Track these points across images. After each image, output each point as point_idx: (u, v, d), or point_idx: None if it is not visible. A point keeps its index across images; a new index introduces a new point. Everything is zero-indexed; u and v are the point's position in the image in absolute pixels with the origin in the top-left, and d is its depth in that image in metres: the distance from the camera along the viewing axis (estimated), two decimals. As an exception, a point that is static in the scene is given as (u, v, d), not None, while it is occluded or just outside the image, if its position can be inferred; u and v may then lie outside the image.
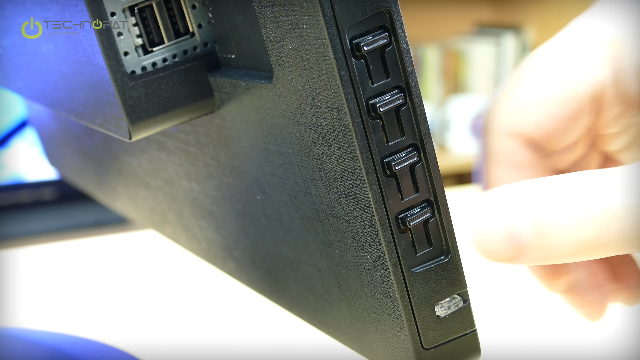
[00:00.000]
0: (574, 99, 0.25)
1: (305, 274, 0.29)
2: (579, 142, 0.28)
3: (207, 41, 0.28)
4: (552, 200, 0.22)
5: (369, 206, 0.23)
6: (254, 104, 0.27)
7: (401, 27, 0.23)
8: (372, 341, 0.27)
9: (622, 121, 0.27)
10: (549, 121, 0.25)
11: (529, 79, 0.26)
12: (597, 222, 0.22)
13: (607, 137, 0.29)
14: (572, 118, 0.25)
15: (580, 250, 0.22)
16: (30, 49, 0.33)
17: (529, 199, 0.23)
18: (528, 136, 0.26)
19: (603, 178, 0.22)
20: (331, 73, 0.22)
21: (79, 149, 0.47)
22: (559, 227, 0.22)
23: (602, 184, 0.22)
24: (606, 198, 0.22)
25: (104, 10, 0.26)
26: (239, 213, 0.32)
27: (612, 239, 0.22)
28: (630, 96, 0.24)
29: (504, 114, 0.26)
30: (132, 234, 0.70)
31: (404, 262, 0.24)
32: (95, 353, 0.44)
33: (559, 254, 0.22)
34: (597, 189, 0.22)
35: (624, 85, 0.24)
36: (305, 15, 0.22)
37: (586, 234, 0.22)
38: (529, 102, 0.25)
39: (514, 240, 0.23)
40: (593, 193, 0.22)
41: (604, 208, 0.22)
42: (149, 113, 0.27)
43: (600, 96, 0.25)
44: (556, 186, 0.22)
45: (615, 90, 0.25)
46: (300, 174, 0.26)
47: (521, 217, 0.22)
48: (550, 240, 0.22)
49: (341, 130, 0.23)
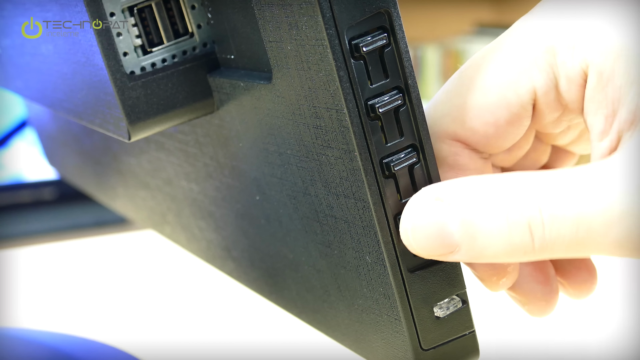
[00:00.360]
0: (511, 105, 0.25)
1: (304, 274, 0.29)
2: (522, 142, 0.28)
3: (207, 42, 0.28)
4: (481, 201, 0.22)
5: (368, 207, 0.23)
6: (253, 104, 0.27)
7: (400, 27, 0.23)
8: (371, 342, 0.27)
9: (564, 123, 0.27)
10: (486, 126, 0.25)
11: (466, 83, 0.26)
12: (525, 225, 0.22)
13: (554, 135, 0.29)
14: (509, 123, 0.25)
15: (510, 252, 0.22)
16: (30, 49, 0.33)
17: (459, 198, 0.23)
18: (466, 141, 0.26)
19: (532, 180, 0.22)
20: (330, 74, 0.22)
21: (79, 149, 0.47)
22: (488, 230, 0.22)
23: (530, 186, 0.22)
24: (533, 201, 0.22)
25: (103, 11, 0.26)
26: (238, 213, 0.32)
27: (539, 243, 0.22)
28: (568, 101, 0.25)
29: (442, 118, 0.26)
30: (132, 234, 0.70)
31: (403, 263, 0.24)
32: (95, 353, 0.44)
33: (490, 255, 0.22)
34: (525, 192, 0.22)
35: (562, 91, 0.24)
36: (304, 16, 0.22)
37: (515, 237, 0.22)
38: (466, 107, 0.26)
39: (444, 238, 0.23)
40: (521, 196, 0.22)
41: (531, 212, 0.22)
42: (148, 113, 0.27)
43: (539, 101, 0.25)
44: (486, 187, 0.22)
45: (553, 95, 0.25)
46: (299, 175, 0.26)
47: (451, 217, 0.22)
48: (481, 241, 0.22)
49: (340, 131, 0.23)
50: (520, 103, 0.25)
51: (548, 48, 0.24)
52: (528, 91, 0.25)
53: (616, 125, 0.23)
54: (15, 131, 0.76)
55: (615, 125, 0.23)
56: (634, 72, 0.22)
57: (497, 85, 0.25)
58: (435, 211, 0.23)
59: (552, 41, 0.24)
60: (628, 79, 0.23)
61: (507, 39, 0.25)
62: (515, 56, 0.25)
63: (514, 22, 0.26)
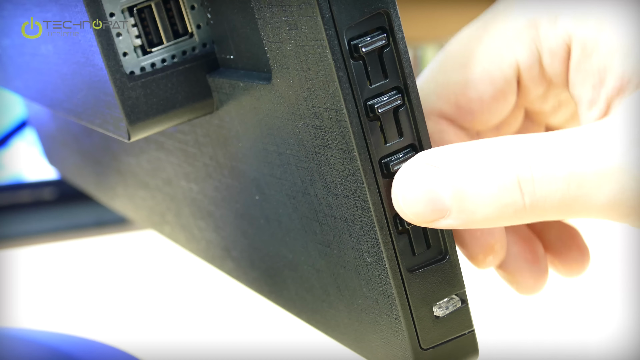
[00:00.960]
0: (495, 80, 0.25)
1: (304, 274, 0.29)
2: (511, 120, 0.28)
3: (206, 42, 0.28)
4: (471, 163, 0.22)
5: (367, 207, 0.23)
6: (253, 104, 0.27)
7: (399, 28, 0.23)
8: (370, 341, 0.27)
9: (551, 99, 0.27)
10: (470, 102, 0.25)
11: (450, 61, 0.26)
12: (515, 183, 0.21)
13: (544, 114, 0.29)
14: (494, 99, 0.25)
15: (501, 213, 0.22)
16: (30, 49, 0.33)
17: (448, 162, 0.22)
18: (452, 117, 0.26)
19: (522, 141, 0.22)
20: (329, 74, 0.22)
21: (78, 149, 0.47)
22: (478, 191, 0.22)
23: (520, 145, 0.22)
24: (523, 159, 0.21)
25: (103, 11, 0.26)
26: (237, 213, 0.32)
27: (530, 201, 0.21)
28: (552, 75, 0.24)
29: (427, 96, 0.26)
30: (132, 234, 0.70)
31: (402, 262, 0.24)
32: (95, 353, 0.44)
33: (481, 217, 0.22)
34: (515, 151, 0.22)
35: (545, 65, 0.24)
36: (304, 17, 0.22)
37: (505, 196, 0.21)
38: (450, 84, 0.25)
39: (435, 202, 0.22)
40: (510, 155, 0.22)
41: (520, 169, 0.21)
42: (147, 113, 0.28)
43: (523, 76, 0.25)
44: (475, 149, 0.22)
45: (537, 70, 0.25)
46: (299, 175, 0.26)
47: (441, 181, 0.22)
48: (471, 203, 0.22)
49: (339, 131, 0.23)
50: (504, 78, 0.25)
51: (530, 22, 0.24)
52: (511, 66, 0.25)
53: (604, 93, 0.23)
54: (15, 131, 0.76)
55: (604, 93, 0.23)
56: (617, 39, 0.22)
57: (481, 60, 0.25)
58: (426, 176, 0.22)
59: (534, 15, 0.24)
60: (613, 47, 0.23)
61: (490, 16, 0.25)
62: (498, 32, 0.25)
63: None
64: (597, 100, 0.23)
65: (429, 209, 0.22)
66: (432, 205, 0.22)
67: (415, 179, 0.23)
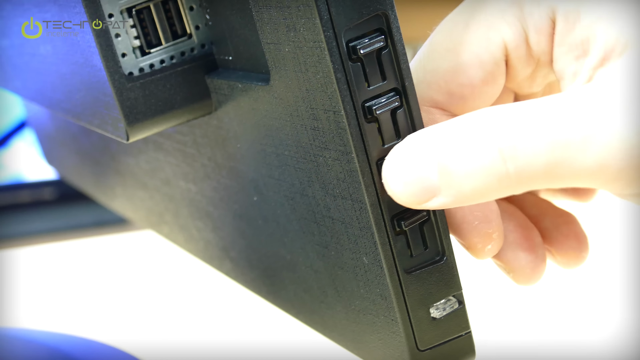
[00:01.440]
0: (484, 63, 0.25)
1: (302, 275, 0.29)
2: (499, 103, 0.28)
3: (205, 43, 0.28)
4: (453, 138, 0.22)
5: (365, 208, 0.23)
6: (251, 105, 0.27)
7: (397, 30, 0.23)
8: (367, 342, 0.27)
9: (539, 79, 0.26)
10: (462, 87, 0.25)
11: (437, 48, 0.25)
12: (495, 151, 0.21)
13: (533, 97, 0.29)
14: (484, 82, 0.25)
15: (487, 183, 0.22)
16: (29, 49, 0.33)
17: (433, 141, 0.22)
18: (443, 105, 0.26)
19: (500, 110, 0.22)
20: (328, 76, 0.22)
21: (77, 149, 0.47)
22: (462, 164, 0.22)
23: (499, 115, 0.21)
24: (503, 127, 0.21)
25: (102, 12, 0.26)
26: (235, 214, 0.32)
27: (513, 168, 0.21)
28: (540, 54, 0.24)
29: (417, 85, 0.25)
30: (132, 234, 0.70)
31: (400, 264, 0.24)
32: (95, 353, 0.44)
33: (469, 191, 0.22)
34: (494, 120, 0.21)
35: (532, 44, 0.24)
36: (302, 18, 0.22)
37: (488, 166, 0.21)
38: (439, 71, 0.25)
39: (424, 181, 0.22)
40: (490, 125, 0.21)
41: (500, 137, 0.21)
42: (146, 114, 0.28)
43: (511, 56, 0.25)
44: (457, 125, 0.22)
45: (524, 49, 0.24)
46: (297, 176, 0.26)
47: (428, 160, 0.22)
48: (457, 177, 0.22)
49: (337, 132, 0.23)
50: (493, 60, 0.25)
51: (514, 1, 0.24)
52: (499, 47, 0.25)
53: (588, 64, 0.23)
54: (15, 131, 0.76)
55: (587, 64, 0.23)
56: (599, 9, 0.22)
57: (468, 44, 0.25)
58: (413, 156, 0.22)
59: None
60: (594, 17, 0.22)
61: (473, 0, 0.25)
62: (483, 14, 0.25)
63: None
64: (580, 72, 0.23)
65: (418, 189, 0.22)
66: (421, 184, 0.22)
67: (403, 160, 0.22)
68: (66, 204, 0.76)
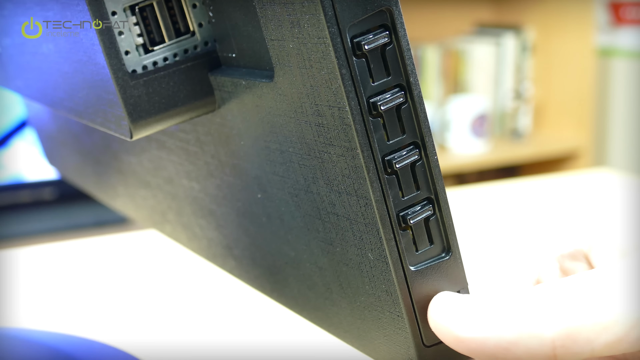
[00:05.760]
0: None
1: (306, 272, 0.29)
2: None
3: (208, 40, 0.28)
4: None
5: (370, 204, 0.23)
6: (255, 102, 0.27)
7: (402, 25, 0.23)
8: (373, 339, 0.27)
9: None
10: None
11: None
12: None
13: None
14: None
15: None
16: (30, 48, 0.33)
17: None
18: None
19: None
20: (332, 72, 0.22)
21: (79, 148, 0.47)
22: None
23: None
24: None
25: (105, 10, 0.26)
26: (239, 212, 0.32)
27: None
28: None
29: None
30: (133, 233, 0.70)
31: (405, 259, 0.24)
32: (95, 353, 0.44)
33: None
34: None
35: None
36: (307, 14, 0.22)
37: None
38: None
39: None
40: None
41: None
42: (149, 112, 0.28)
43: None
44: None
45: None
46: (301, 173, 0.26)
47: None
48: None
49: (342, 128, 0.23)
50: None
51: None
52: None
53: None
54: (15, 131, 0.76)
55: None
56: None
57: None
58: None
59: None
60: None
61: None
62: None
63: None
64: None
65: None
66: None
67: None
68: (66, 204, 0.76)
